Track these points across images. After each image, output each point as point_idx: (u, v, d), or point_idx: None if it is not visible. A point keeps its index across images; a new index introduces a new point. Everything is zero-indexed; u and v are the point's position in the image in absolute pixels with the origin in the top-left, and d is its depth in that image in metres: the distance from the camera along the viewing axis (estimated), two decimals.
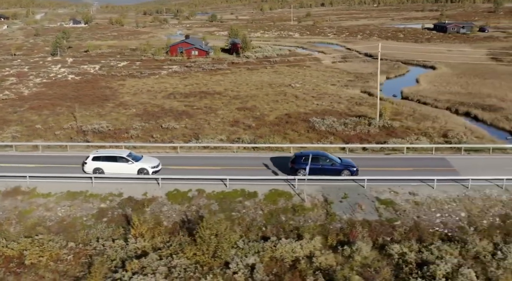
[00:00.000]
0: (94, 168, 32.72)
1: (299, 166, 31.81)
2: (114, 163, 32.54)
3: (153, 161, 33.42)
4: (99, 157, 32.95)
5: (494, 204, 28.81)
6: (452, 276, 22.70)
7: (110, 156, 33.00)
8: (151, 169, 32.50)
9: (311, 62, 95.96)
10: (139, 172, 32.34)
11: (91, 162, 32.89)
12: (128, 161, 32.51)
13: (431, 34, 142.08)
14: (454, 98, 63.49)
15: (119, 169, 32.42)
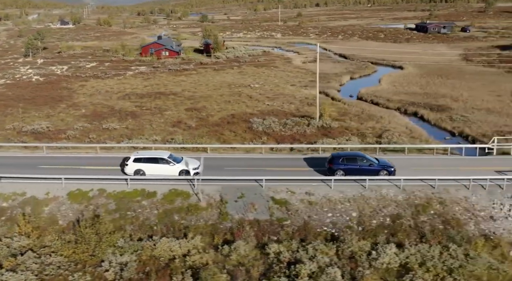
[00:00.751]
0: (135, 169, 32.28)
1: (337, 167, 31.83)
2: (156, 165, 32.19)
3: (194, 162, 33.03)
4: (140, 159, 32.50)
5: (388, 204, 28.97)
6: (316, 275, 22.95)
7: (152, 157, 32.63)
8: (193, 170, 32.19)
9: (281, 62, 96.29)
10: (180, 173, 32.05)
11: (132, 164, 32.41)
12: (170, 163, 32.18)
13: (412, 34, 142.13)
14: (408, 98, 63.61)
15: (160, 170, 32.08)
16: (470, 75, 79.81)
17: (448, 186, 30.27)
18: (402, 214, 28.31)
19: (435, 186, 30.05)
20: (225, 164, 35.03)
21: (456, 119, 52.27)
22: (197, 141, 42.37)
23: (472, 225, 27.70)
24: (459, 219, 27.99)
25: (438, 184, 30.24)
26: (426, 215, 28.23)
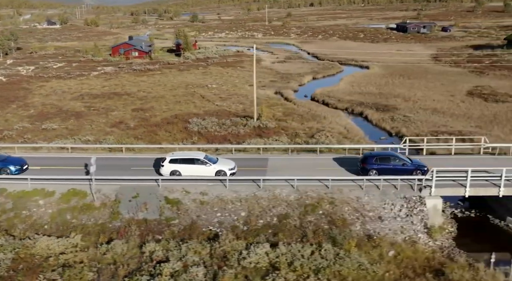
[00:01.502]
0: (171, 170, 32.08)
1: (371, 167, 31.81)
2: (192, 165, 31.99)
3: (230, 163, 32.98)
4: (176, 160, 32.24)
5: (278, 204, 29.22)
6: (177, 274, 23.26)
7: (188, 158, 32.38)
8: (229, 171, 32.05)
9: (250, 63, 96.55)
10: (217, 174, 31.90)
11: (168, 165, 32.12)
12: (206, 164, 31.98)
13: (391, 34, 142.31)
14: (360, 98, 63.83)
15: (196, 171, 31.89)
16: (433, 75, 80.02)
17: (343, 186, 30.52)
18: (290, 214, 28.58)
19: (329, 186, 30.32)
20: (134, 164, 35.35)
21: (397, 119, 52.51)
22: (123, 141, 42.80)
23: (358, 225, 27.95)
24: (346, 219, 28.24)
25: (334, 184, 30.48)
26: (314, 215, 28.48)
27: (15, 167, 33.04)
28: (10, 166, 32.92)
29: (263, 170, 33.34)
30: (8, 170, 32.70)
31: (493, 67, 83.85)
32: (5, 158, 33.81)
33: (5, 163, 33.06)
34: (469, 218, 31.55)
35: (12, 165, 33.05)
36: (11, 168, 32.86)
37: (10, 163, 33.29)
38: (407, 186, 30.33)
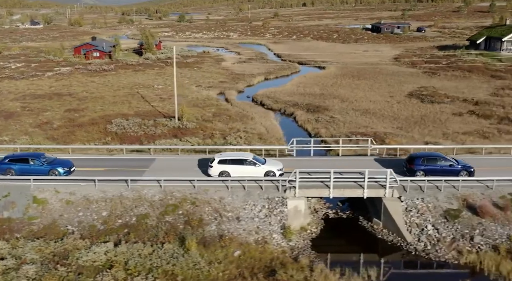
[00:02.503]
0: (220, 171, 32.10)
1: (418, 168, 31.81)
2: (241, 166, 32.04)
3: (278, 164, 33.06)
4: (225, 160, 32.26)
5: (141, 204, 29.72)
6: (9, 271, 23.81)
7: (237, 159, 32.42)
8: (278, 171, 32.15)
9: (210, 63, 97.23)
10: (266, 174, 31.92)
11: (217, 165, 32.14)
12: (256, 164, 32.07)
13: (365, 34, 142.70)
14: (299, 99, 64.21)
15: (246, 172, 31.88)
16: (385, 76, 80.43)
17: (210, 187, 30.99)
18: (150, 214, 29.10)
19: (195, 186, 30.79)
20: None
21: (321, 121, 52.95)
22: (35, 142, 43.48)
23: (214, 226, 28.44)
24: (203, 219, 28.73)
25: (201, 185, 30.94)
26: (173, 215, 29.00)
27: (64, 169, 32.73)
28: (59, 168, 32.66)
29: (142, 170, 33.83)
30: (56, 172, 32.39)
31: (448, 68, 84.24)
32: (53, 160, 33.66)
33: (54, 165, 32.85)
34: (340, 219, 31.97)
35: (61, 167, 32.78)
36: (60, 170, 32.55)
37: (59, 165, 33.06)
38: (273, 187, 30.89)
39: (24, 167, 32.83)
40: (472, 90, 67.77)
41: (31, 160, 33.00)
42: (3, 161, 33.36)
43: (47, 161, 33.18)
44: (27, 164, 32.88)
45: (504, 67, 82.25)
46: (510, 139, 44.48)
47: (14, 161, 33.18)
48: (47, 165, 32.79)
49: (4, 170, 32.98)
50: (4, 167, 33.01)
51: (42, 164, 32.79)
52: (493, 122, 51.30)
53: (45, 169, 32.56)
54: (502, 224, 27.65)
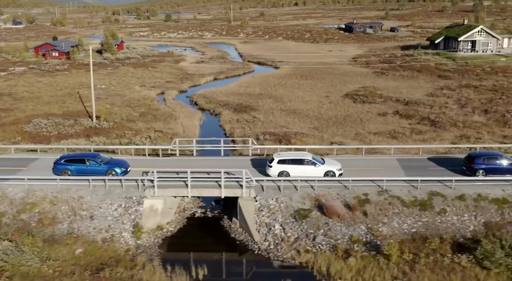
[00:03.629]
0: (280, 171, 32.09)
1: (479, 167, 31.70)
2: (301, 166, 32.06)
3: (337, 164, 33.00)
4: (285, 160, 32.28)
5: (2, 201, 30.14)
6: None
7: (297, 159, 32.44)
8: (338, 171, 32.14)
9: (169, 63, 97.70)
10: (325, 174, 31.95)
11: (277, 165, 32.15)
12: (316, 164, 32.10)
13: (337, 34, 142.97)
14: (233, 99, 64.49)
15: (305, 172, 31.92)
16: (334, 76, 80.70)
17: (73, 186, 31.39)
18: (8, 211, 29.58)
19: (58, 185, 31.21)
20: None
21: (242, 121, 53.35)
22: None
23: (66, 224, 28.90)
24: (57, 217, 29.19)
25: (64, 184, 31.38)
26: (29, 213, 29.46)
27: (121, 169, 32.76)
28: (116, 168, 32.72)
29: (18, 169, 34.28)
30: (113, 172, 32.43)
31: (400, 68, 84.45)
32: (109, 160, 33.70)
33: (111, 165, 32.94)
34: (205, 218, 32.24)
35: (118, 167, 32.81)
36: (117, 170, 32.61)
37: (116, 165, 33.13)
38: (135, 186, 31.32)
39: (81, 168, 32.60)
40: (411, 90, 67.99)
41: (87, 161, 32.81)
42: (59, 161, 33.12)
43: (103, 161, 33.07)
44: (84, 164, 32.68)
45: (455, 66, 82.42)
46: (419, 139, 44.79)
47: (71, 161, 32.92)
48: (104, 166, 32.70)
49: (60, 171, 32.70)
50: (60, 168, 32.76)
51: (99, 164, 32.66)
52: (413, 122, 51.53)
53: (103, 170, 32.44)
54: (348, 224, 27.98)
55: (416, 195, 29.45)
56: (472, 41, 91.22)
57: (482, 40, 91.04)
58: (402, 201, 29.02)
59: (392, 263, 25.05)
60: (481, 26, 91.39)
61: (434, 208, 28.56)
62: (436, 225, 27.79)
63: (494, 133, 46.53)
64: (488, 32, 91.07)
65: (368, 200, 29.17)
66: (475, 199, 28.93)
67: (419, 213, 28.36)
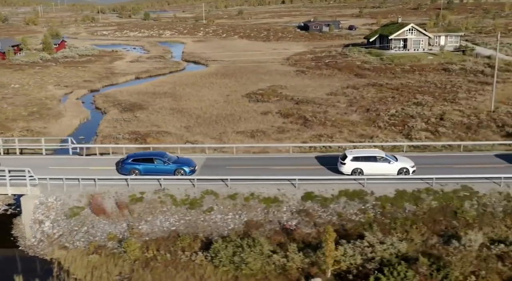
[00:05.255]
0: (353, 168, 31.92)
1: None
2: (375, 163, 31.82)
3: (409, 161, 32.55)
4: (358, 158, 32.11)
5: None
6: None
7: (371, 156, 32.27)
8: (411, 168, 31.79)
9: (104, 62, 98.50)
10: (399, 172, 31.61)
11: (350, 163, 31.92)
12: (390, 161, 31.83)
13: (293, 32, 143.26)
14: (133, 98, 65.14)
15: (380, 169, 31.76)
16: (255, 74, 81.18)
17: None
18: None
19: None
20: None
21: (120, 120, 53.93)
22: None
23: None
24: None
25: None
26: None
27: (189, 168, 32.60)
28: (185, 167, 32.54)
29: None
30: (182, 171, 32.29)
31: (325, 66, 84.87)
32: (176, 159, 33.51)
33: (180, 165, 32.75)
34: (4, 215, 33.03)
35: (187, 166, 32.66)
36: (186, 169, 32.42)
37: (185, 164, 32.98)
38: None
39: (149, 167, 32.47)
40: (318, 88, 68.39)
41: (155, 160, 32.72)
42: (126, 161, 32.99)
43: (170, 160, 32.91)
44: (152, 163, 32.58)
45: (378, 65, 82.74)
46: (276, 138, 45.33)
47: (139, 160, 32.81)
48: (173, 165, 32.54)
49: (128, 170, 32.58)
50: (128, 167, 32.61)
51: (167, 163, 32.58)
52: (287, 121, 52.05)
53: (171, 169, 32.27)
54: (112, 222, 28.64)
55: (190, 193, 30.08)
56: (404, 39, 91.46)
57: (414, 38, 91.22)
58: (174, 200, 29.66)
59: (129, 260, 25.74)
60: (411, 24, 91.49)
61: (203, 207, 29.21)
62: (198, 223, 28.44)
63: (355, 132, 47.18)
64: (420, 31, 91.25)
65: (142, 199, 29.81)
66: (246, 198, 29.55)
67: (185, 212, 29.00)
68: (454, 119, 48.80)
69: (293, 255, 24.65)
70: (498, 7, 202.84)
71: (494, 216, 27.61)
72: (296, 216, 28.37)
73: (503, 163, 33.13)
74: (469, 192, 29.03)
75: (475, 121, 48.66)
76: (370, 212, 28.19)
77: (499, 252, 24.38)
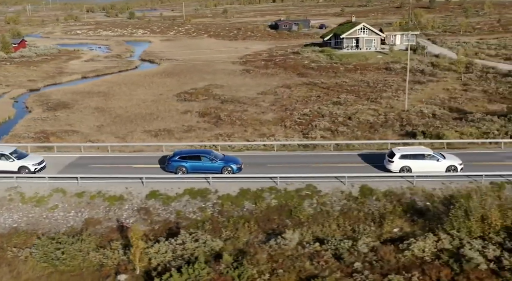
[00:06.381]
0: (402, 166, 31.63)
1: None
2: (423, 161, 31.69)
3: (457, 158, 32.38)
4: (407, 155, 31.87)
5: None
6: None
7: (419, 154, 32.10)
8: (459, 165, 31.60)
9: (60, 61, 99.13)
10: (447, 169, 31.44)
11: (398, 161, 31.65)
12: (438, 159, 31.74)
13: (262, 31, 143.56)
14: (66, 97, 65.49)
15: (428, 167, 31.57)
16: (200, 73, 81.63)
17: None
18: None
19: None
20: None
21: (38, 119, 54.51)
22: None
23: None
24: None
25: None
26: None
27: (236, 166, 32.48)
28: (232, 165, 32.45)
29: None
30: (229, 169, 32.20)
31: (274, 65, 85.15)
32: (223, 157, 33.44)
33: (228, 162, 32.68)
34: None
35: (234, 164, 32.57)
36: (233, 166, 32.34)
37: (232, 162, 32.84)
38: None
39: (196, 165, 32.32)
40: (254, 88, 68.73)
41: (202, 157, 32.56)
42: (173, 158, 32.78)
43: (217, 158, 32.77)
44: (199, 161, 32.43)
45: (324, 64, 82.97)
46: (180, 137, 45.76)
47: (186, 158, 32.59)
48: (220, 162, 32.42)
49: (175, 168, 32.41)
50: (175, 165, 32.41)
51: (214, 161, 32.43)
52: (200, 120, 52.54)
53: (219, 167, 32.15)
54: None
55: (40, 191, 30.54)
56: (356, 38, 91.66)
57: (366, 38, 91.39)
58: (23, 197, 30.29)
59: None
60: (363, 24, 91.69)
61: (48, 204, 29.68)
62: (40, 220, 28.91)
63: (259, 130, 47.59)
64: (372, 30, 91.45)
65: None
66: (92, 196, 30.04)
67: (30, 209, 29.52)
68: (360, 119, 49.30)
69: (109, 252, 25.15)
70: (480, 6, 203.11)
71: (329, 215, 28.07)
72: (135, 214, 28.86)
73: (361, 163, 33.57)
74: (312, 191, 29.51)
75: (382, 120, 49.26)
76: (208, 211, 28.69)
77: (312, 251, 24.78)
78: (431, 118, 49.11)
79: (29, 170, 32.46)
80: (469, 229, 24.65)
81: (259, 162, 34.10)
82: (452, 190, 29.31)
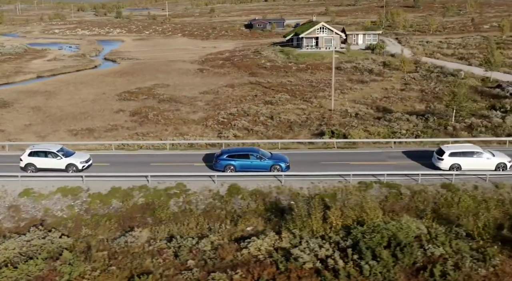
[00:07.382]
0: (451, 164, 31.59)
1: None
2: (472, 159, 31.67)
3: (506, 156, 32.41)
4: (456, 153, 31.82)
5: None
6: None
7: (469, 151, 31.99)
8: (509, 163, 31.78)
9: (24, 60, 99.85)
10: (497, 167, 31.50)
11: (448, 158, 31.71)
12: (488, 156, 31.77)
13: (236, 30, 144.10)
14: (7, 97, 66.32)
15: (478, 164, 31.58)
16: (155, 72, 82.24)
17: None
18: None
19: None
20: None
21: None
22: None
23: None
24: None
25: None
26: None
27: (285, 164, 32.39)
28: (281, 163, 32.34)
29: None
30: (278, 167, 32.07)
31: (231, 64, 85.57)
32: (271, 156, 33.23)
33: (277, 161, 32.51)
34: None
35: (283, 162, 32.50)
36: (282, 165, 32.22)
37: (281, 160, 32.76)
38: None
39: (245, 163, 32.12)
40: (198, 87, 69.10)
41: (250, 156, 32.35)
42: (221, 157, 32.50)
43: (265, 156, 32.62)
44: (248, 160, 32.22)
45: (279, 64, 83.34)
46: (104, 136, 46.29)
47: (234, 156, 32.40)
48: (269, 161, 32.23)
49: (223, 166, 32.14)
50: (223, 163, 32.13)
51: (263, 159, 32.22)
52: (128, 120, 52.96)
53: (268, 165, 31.99)
54: None
55: None
56: (316, 37, 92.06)
57: (325, 37, 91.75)
58: None
59: None
60: (322, 23, 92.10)
61: None
62: None
63: (179, 130, 48.10)
64: (331, 29, 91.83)
65: None
66: None
67: None
68: (282, 118, 49.79)
69: None
70: (464, 5, 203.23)
71: (192, 213, 28.58)
72: (5, 212, 29.41)
73: None
74: (180, 190, 30.02)
75: (303, 119, 49.70)
76: (76, 209, 29.23)
77: (157, 248, 25.31)
78: (353, 117, 49.72)
79: (77, 168, 32.49)
80: (311, 228, 25.21)
81: (144, 161, 34.61)
82: (319, 189, 29.84)
